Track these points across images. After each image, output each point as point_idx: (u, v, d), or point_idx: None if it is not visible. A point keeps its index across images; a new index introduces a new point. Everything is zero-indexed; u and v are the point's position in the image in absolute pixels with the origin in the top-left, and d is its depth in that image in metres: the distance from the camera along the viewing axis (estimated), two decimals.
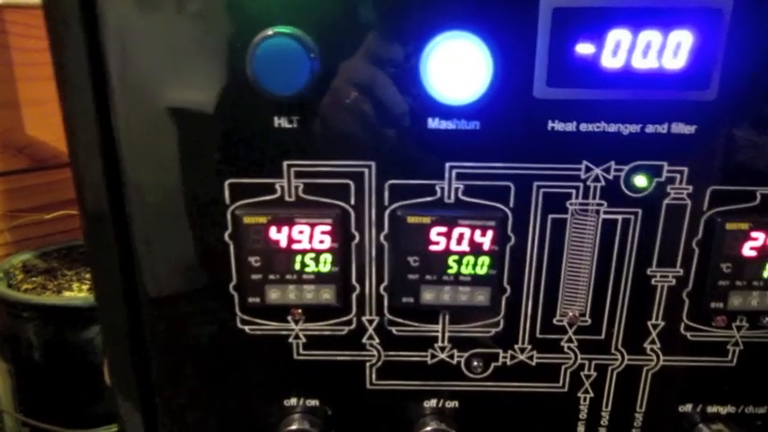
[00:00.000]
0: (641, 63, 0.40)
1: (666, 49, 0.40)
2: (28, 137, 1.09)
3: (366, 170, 0.44)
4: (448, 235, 0.44)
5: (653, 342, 0.48)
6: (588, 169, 0.43)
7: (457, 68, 0.39)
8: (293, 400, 0.50)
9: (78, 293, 1.02)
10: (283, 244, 0.45)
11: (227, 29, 0.41)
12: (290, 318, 0.48)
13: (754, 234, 0.44)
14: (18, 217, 1.09)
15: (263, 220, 0.44)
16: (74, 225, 1.09)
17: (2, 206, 1.10)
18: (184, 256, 0.47)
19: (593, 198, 0.44)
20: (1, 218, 1.09)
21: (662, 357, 0.49)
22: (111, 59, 0.41)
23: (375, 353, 0.49)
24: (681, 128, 0.42)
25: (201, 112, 0.43)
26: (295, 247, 0.45)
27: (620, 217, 0.45)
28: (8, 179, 1.10)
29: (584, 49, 0.40)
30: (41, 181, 1.12)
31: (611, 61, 0.40)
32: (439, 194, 0.44)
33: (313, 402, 0.50)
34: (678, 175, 0.44)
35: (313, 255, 0.45)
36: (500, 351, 0.49)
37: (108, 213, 0.45)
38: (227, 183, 0.44)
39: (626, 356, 0.49)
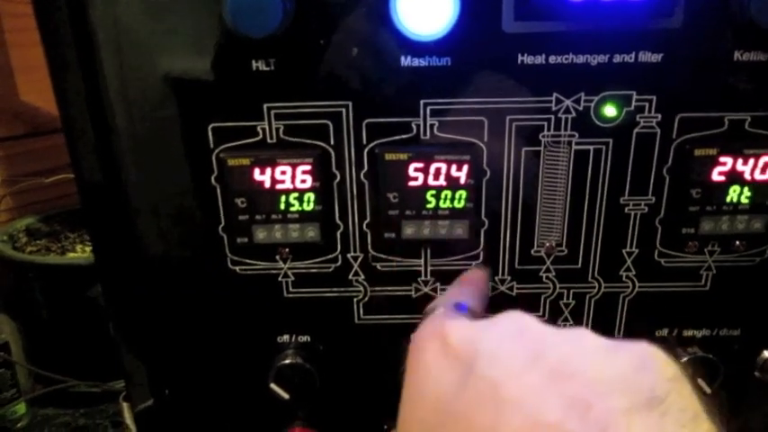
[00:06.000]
0: None
1: None
2: (23, 103, 1.10)
3: (343, 110, 0.45)
4: (425, 170, 0.46)
5: (628, 269, 0.50)
6: (559, 101, 0.45)
7: (425, 3, 0.41)
8: (286, 337, 0.53)
9: (82, 254, 1.04)
10: (267, 185, 0.46)
11: None
12: (277, 257, 0.50)
13: (722, 159, 0.46)
14: (18, 182, 1.11)
15: (246, 162, 0.46)
16: (73, 189, 1.11)
17: (2, 172, 1.11)
18: (175, 201, 0.48)
19: (565, 129, 0.45)
20: (2, 183, 1.11)
21: (637, 284, 0.51)
22: (93, 11, 0.42)
23: (361, 288, 0.51)
24: (648, 56, 0.43)
25: (184, 60, 0.44)
26: (279, 187, 0.46)
27: (591, 147, 0.46)
28: (6, 145, 1.11)
29: None
30: (39, 146, 1.14)
31: None
32: (415, 131, 0.45)
33: (304, 338, 0.53)
34: (647, 104, 0.45)
35: (296, 194, 0.47)
36: None
37: (100, 168, 0.47)
38: (210, 127, 0.46)
39: (603, 284, 0.51)
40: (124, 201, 0.48)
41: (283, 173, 0.46)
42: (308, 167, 0.46)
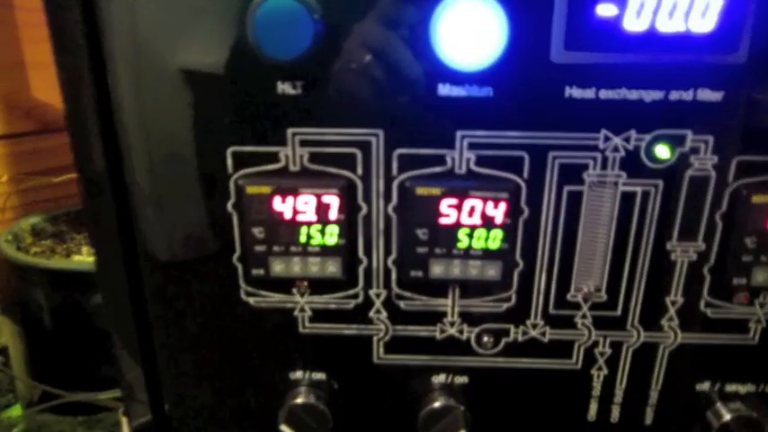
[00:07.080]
0: (666, 25, 0.38)
1: (694, 10, 0.37)
2: (34, 99, 1.08)
3: (374, 139, 0.42)
4: (459, 207, 0.42)
5: (671, 319, 0.47)
6: (607, 138, 0.41)
7: (469, 31, 0.37)
8: (299, 374, 0.49)
9: (87, 258, 1.01)
10: (288, 215, 0.43)
11: None
12: (294, 290, 0.46)
13: None
14: (26, 180, 1.09)
15: (266, 190, 0.43)
16: None
17: (10, 169, 1.09)
18: (186, 224, 0.45)
19: (612, 169, 0.42)
20: (9, 181, 1.09)
21: (680, 334, 0.47)
22: (107, 19, 0.39)
23: (383, 327, 0.48)
24: (707, 94, 0.40)
25: (202, 77, 0.41)
26: (300, 218, 0.43)
27: (639, 189, 0.43)
28: (16, 142, 1.09)
29: (605, 10, 0.37)
30: (49, 144, 1.11)
31: (634, 23, 0.38)
32: (449, 165, 0.42)
33: (319, 376, 0.49)
34: (703, 145, 0.41)
35: (318, 226, 0.43)
36: (511, 326, 0.47)
37: (106, 178, 0.44)
38: (229, 151, 0.42)
39: (642, 333, 0.47)
40: (135, 221, 0.45)
41: (306, 203, 0.43)
42: (332, 199, 0.42)
